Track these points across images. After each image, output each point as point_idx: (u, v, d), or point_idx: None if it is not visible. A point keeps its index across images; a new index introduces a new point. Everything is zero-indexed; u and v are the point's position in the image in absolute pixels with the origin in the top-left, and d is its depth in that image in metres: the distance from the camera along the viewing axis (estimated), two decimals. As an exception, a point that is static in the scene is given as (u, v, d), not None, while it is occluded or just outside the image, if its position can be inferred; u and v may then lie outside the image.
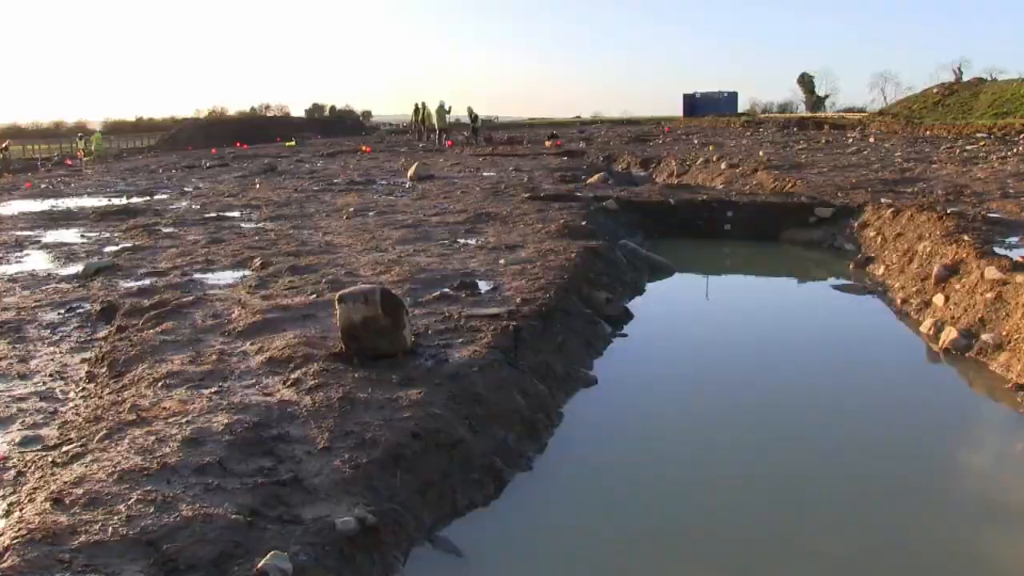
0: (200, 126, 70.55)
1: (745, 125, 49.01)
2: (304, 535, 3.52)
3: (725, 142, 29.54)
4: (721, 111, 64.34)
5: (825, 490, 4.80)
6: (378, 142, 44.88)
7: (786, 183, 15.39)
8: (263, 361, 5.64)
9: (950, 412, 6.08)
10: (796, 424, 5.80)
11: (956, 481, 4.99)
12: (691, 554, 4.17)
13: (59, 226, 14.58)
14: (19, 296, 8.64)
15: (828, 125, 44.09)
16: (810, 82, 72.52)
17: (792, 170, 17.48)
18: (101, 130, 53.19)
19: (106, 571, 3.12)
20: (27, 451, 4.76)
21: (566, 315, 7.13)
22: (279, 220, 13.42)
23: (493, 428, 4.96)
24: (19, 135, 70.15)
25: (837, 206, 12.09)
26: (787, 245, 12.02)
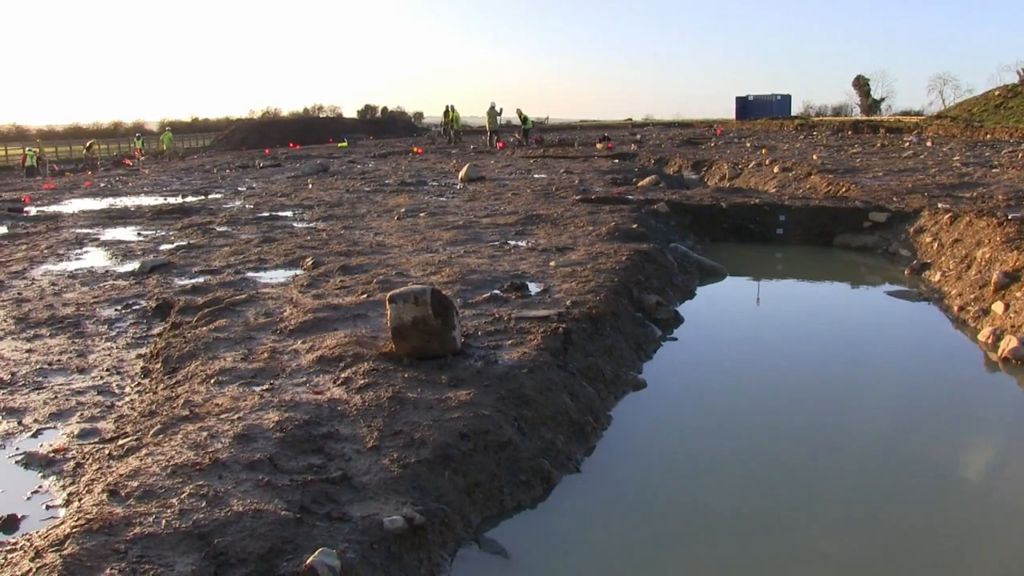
0: (254, 126, 71.43)
1: (798, 128, 48.42)
2: (352, 533, 3.53)
3: (778, 145, 29.20)
4: (774, 114, 63.66)
5: (877, 501, 4.71)
6: (429, 143, 45.11)
7: (840, 187, 15.17)
8: (314, 359, 5.68)
9: (1010, 423, 5.94)
10: (848, 433, 5.70)
11: (1018, 494, 4.86)
12: (736, 559, 4.12)
13: (116, 224, 14.88)
14: (78, 292, 8.83)
15: (884, 128, 43.31)
16: (866, 84, 71.41)
17: (846, 174, 17.22)
18: (170, 129, 54.35)
19: (159, 563, 3.16)
20: (85, 443, 4.86)
21: (616, 318, 7.09)
22: (331, 220, 13.54)
23: (541, 430, 4.94)
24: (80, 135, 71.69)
25: (892, 211, 11.88)
26: (840, 250, 11.84)
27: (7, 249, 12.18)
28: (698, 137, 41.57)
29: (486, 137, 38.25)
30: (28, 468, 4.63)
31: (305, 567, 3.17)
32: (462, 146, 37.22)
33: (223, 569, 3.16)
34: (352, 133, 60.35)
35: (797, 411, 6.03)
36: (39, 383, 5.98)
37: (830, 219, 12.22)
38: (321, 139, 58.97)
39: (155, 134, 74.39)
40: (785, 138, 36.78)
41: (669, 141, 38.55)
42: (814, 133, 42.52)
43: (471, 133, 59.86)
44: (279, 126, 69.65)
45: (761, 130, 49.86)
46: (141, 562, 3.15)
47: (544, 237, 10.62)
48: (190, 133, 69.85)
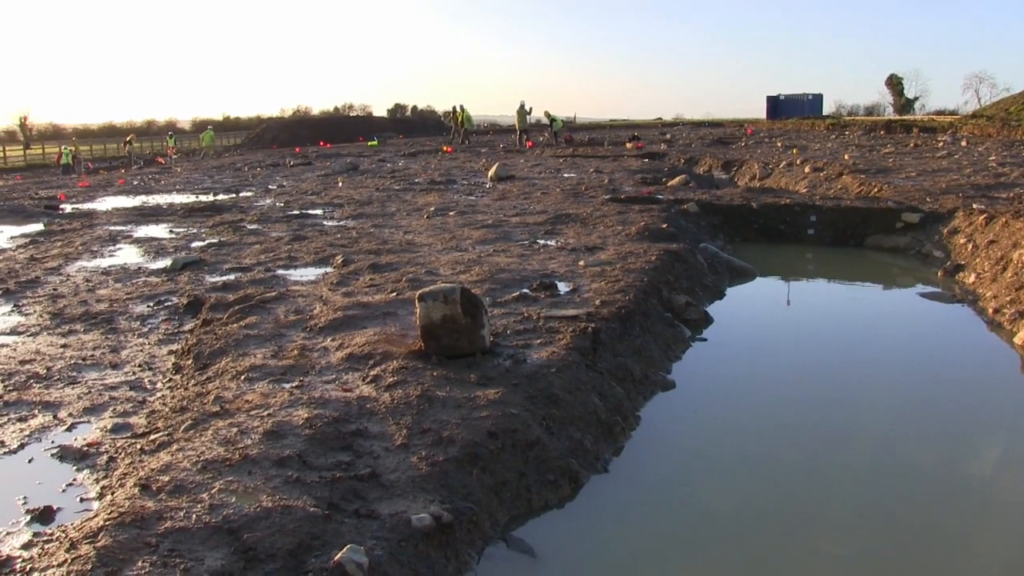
0: (285, 125, 71.97)
1: (830, 128, 47.95)
2: (380, 530, 3.55)
3: (809, 145, 28.96)
4: (805, 113, 63.06)
5: (906, 507, 4.65)
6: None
7: (872, 187, 15.02)
8: (343, 357, 5.71)
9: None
10: (878, 437, 5.62)
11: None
12: (764, 561, 4.09)
13: (149, 222, 15.04)
14: (112, 289, 8.93)
15: (917, 128, 42.71)
16: (899, 84, 70.57)
17: (878, 174, 17.04)
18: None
19: (189, 557, 3.19)
20: (118, 438, 4.91)
21: (645, 318, 7.06)
22: (361, 218, 13.60)
23: (570, 429, 4.94)
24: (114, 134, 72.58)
25: (925, 211, 11.74)
26: (872, 251, 11.72)
27: (43, 246, 12.35)
28: (728, 137, 41.31)
29: (515, 136, 38.25)
30: (63, 461, 4.69)
31: (333, 564, 3.19)
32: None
33: (252, 564, 3.19)
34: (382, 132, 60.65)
35: (827, 414, 5.97)
36: (73, 378, 6.05)
37: (862, 220, 12.09)
38: (351, 138, 59.28)
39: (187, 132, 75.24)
40: (816, 138, 36.47)
41: (699, 141, 38.36)
42: (846, 133, 42.09)
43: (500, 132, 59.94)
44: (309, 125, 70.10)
45: (792, 130, 49.43)
46: (172, 556, 3.18)
47: (573, 236, 10.60)
48: (221, 132, 70.49)
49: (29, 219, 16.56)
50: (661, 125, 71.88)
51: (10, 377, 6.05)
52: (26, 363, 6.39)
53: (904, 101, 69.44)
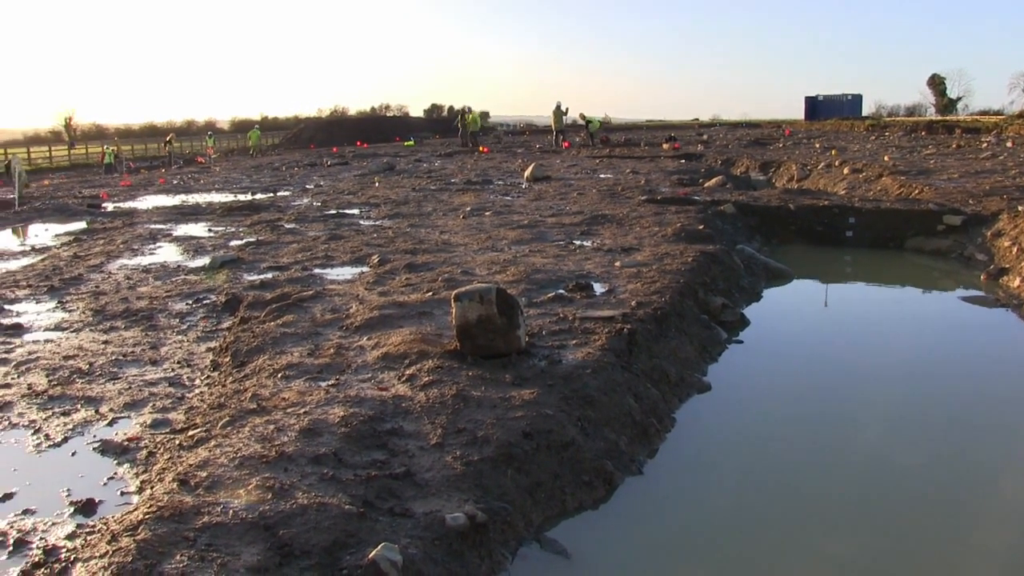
0: (322, 125, 72.43)
1: (869, 129, 47.40)
2: (414, 529, 3.56)
3: (848, 146, 28.64)
4: (844, 114, 62.41)
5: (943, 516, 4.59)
6: (495, 143, 45.22)
7: (912, 189, 14.82)
8: (379, 356, 5.73)
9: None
10: (917, 444, 5.54)
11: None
12: (797, 566, 4.05)
13: (188, 220, 15.23)
14: (152, 286, 9.05)
15: (960, 129, 42.03)
16: (941, 84, 69.53)
17: (919, 176, 16.81)
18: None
19: (226, 551, 3.22)
20: (157, 433, 4.98)
21: (681, 319, 7.03)
22: (397, 218, 13.66)
23: (604, 431, 4.92)
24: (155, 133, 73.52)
25: (968, 214, 11.56)
26: (912, 254, 11.56)
27: (86, 244, 12.55)
28: (766, 138, 40.99)
29: (552, 137, 38.21)
30: (104, 455, 4.76)
31: (367, 561, 3.20)
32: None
33: (288, 560, 3.21)
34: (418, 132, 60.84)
35: (865, 420, 5.90)
36: (114, 373, 6.14)
37: (902, 222, 11.94)
38: (387, 138, 59.56)
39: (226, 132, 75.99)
40: (856, 139, 36.08)
41: (736, 142, 38.09)
42: (886, 134, 41.60)
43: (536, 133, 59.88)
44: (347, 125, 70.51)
45: (831, 131, 48.92)
46: (209, 550, 3.22)
47: (609, 237, 10.58)
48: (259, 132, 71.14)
49: (73, 217, 16.85)
50: (698, 126, 71.50)
51: (54, 372, 6.16)
52: (69, 358, 6.49)
53: (947, 101, 68.41)
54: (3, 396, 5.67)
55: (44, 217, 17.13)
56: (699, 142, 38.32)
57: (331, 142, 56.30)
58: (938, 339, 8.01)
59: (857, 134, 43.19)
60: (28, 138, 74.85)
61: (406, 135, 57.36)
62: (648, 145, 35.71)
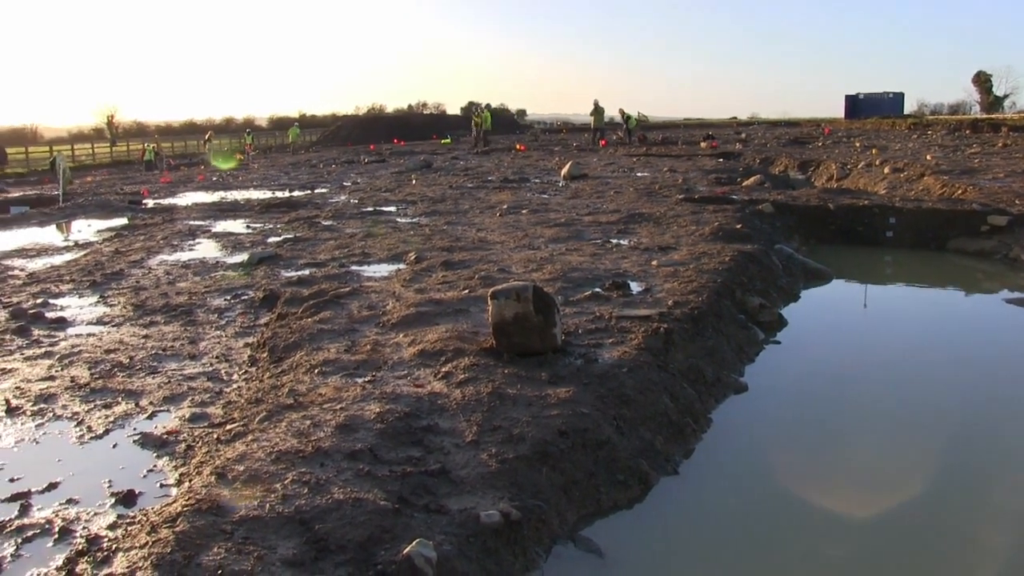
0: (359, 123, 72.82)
1: (911, 127, 46.70)
2: (449, 525, 3.57)
3: (889, 145, 28.27)
4: (885, 113, 61.62)
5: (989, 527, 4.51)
6: (532, 140, 45.20)
7: (956, 189, 14.59)
8: (415, 353, 5.75)
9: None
10: (957, 449, 5.44)
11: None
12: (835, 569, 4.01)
13: (227, 217, 15.38)
14: (191, 282, 9.15)
15: (1007, 127, 41.14)
16: (987, 81, 68.35)
17: (963, 175, 16.54)
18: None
19: (262, 545, 3.25)
20: (195, 427, 5.03)
21: (718, 319, 6.98)
22: (434, 216, 13.70)
23: (640, 430, 4.90)
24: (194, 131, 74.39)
25: (1014, 214, 11.34)
26: (954, 255, 11.38)
27: (127, 239, 12.73)
28: (805, 136, 40.56)
29: (589, 135, 38.13)
30: (144, 448, 4.82)
31: (402, 557, 3.21)
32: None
33: (323, 555, 3.23)
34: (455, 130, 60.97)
35: (905, 424, 5.80)
36: (154, 367, 6.22)
37: (944, 222, 11.75)
38: (424, 135, 59.76)
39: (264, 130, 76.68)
40: (897, 137, 35.59)
41: (775, 140, 37.76)
42: (928, 132, 40.94)
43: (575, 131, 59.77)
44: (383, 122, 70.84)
45: (872, 129, 48.27)
46: (246, 543, 3.25)
47: (646, 236, 10.53)
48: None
49: (115, 213, 17.09)
50: (736, 124, 70.97)
51: (96, 365, 6.25)
52: (111, 352, 6.59)
53: (992, 99, 67.24)
54: (48, 388, 5.77)
55: (87, 213, 17.39)
56: (737, 141, 38.02)
57: (368, 139, 56.61)
58: (981, 342, 7.87)
59: (899, 133, 42.59)
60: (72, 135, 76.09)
61: (443, 133, 57.49)
62: (686, 143, 35.49)
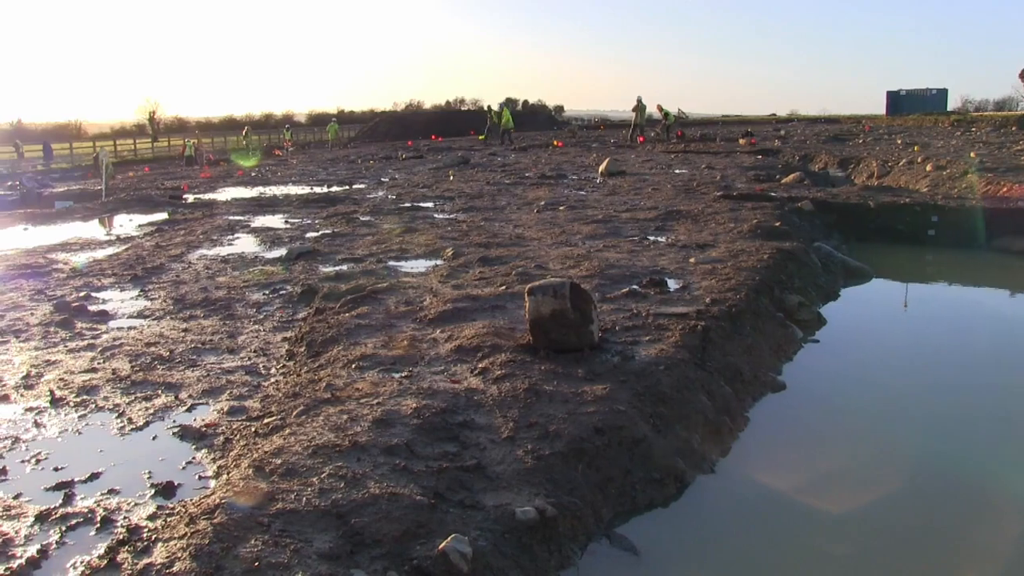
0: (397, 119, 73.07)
1: (955, 124, 45.93)
2: (484, 521, 3.57)
3: (932, 142, 27.85)
4: (928, 109, 60.77)
5: None
6: (570, 137, 45.08)
7: (1001, 187, 14.35)
8: (452, 349, 5.76)
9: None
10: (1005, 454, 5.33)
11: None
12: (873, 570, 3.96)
13: (266, 212, 15.50)
14: (230, 276, 9.23)
15: (1056, 124, 40.39)
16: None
17: (1008, 173, 16.25)
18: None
19: (299, 538, 3.27)
20: (234, 420, 5.08)
21: (756, 317, 6.92)
22: (471, 212, 13.71)
23: (676, 428, 4.87)
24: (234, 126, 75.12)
25: (1061, 212, 11.14)
26: (998, 254, 11.19)
27: (168, 234, 12.87)
28: (845, 133, 40.07)
29: (627, 131, 37.97)
30: (183, 440, 4.87)
31: (438, 552, 3.22)
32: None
33: (359, 549, 3.25)
34: (493, 126, 60.91)
35: (946, 426, 5.71)
36: (193, 361, 6.28)
37: (989, 221, 11.56)
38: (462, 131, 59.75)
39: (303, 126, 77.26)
40: (940, 134, 35.05)
41: (814, 137, 37.33)
42: (972, 129, 40.24)
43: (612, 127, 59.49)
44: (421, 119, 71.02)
45: (913, 126, 47.55)
46: (283, 536, 3.27)
47: (684, 233, 10.47)
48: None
49: (156, 208, 17.29)
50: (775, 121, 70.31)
51: (137, 358, 6.33)
52: (151, 345, 6.66)
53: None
54: (91, 380, 5.85)
55: (128, 208, 17.61)
56: (776, 138, 37.62)
57: (406, 135, 56.76)
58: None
59: (941, 130, 41.90)
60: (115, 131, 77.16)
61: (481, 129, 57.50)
62: (724, 140, 35.19)
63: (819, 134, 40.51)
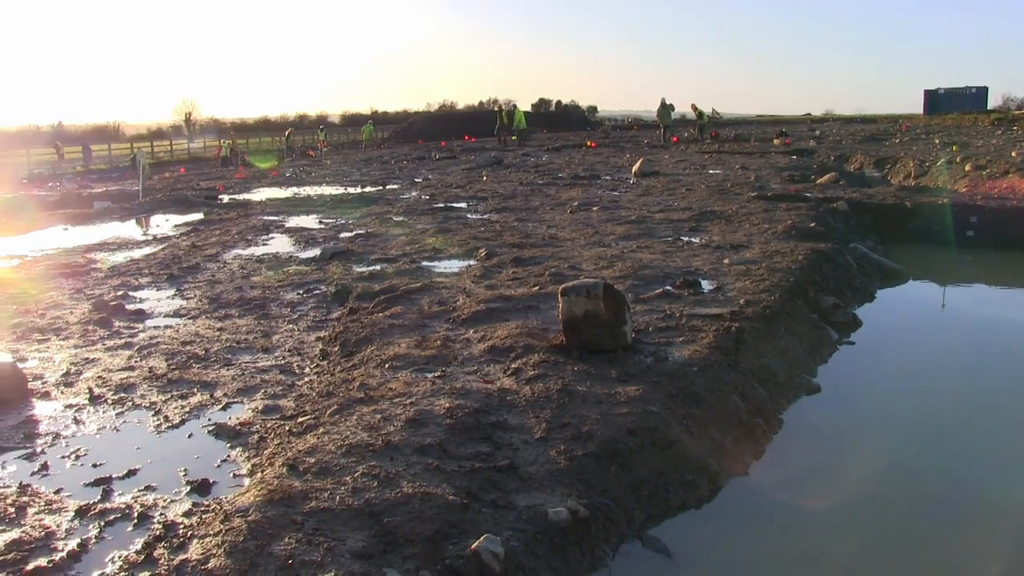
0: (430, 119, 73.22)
1: (995, 123, 45.20)
2: (517, 521, 3.57)
3: (971, 142, 27.45)
4: (967, 108, 59.86)
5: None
6: (603, 137, 44.97)
7: (1043, 187, 14.13)
8: (485, 349, 5.77)
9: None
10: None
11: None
12: None
13: (300, 212, 15.62)
14: (264, 276, 9.31)
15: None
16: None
17: (1051, 173, 16.00)
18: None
19: (332, 537, 3.29)
20: (268, 419, 5.12)
21: (790, 319, 6.87)
22: (504, 212, 13.72)
23: (710, 429, 4.85)
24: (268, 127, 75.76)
25: (1103, 214, 10.94)
26: (1041, 255, 11.02)
27: (203, 234, 13.00)
28: (882, 133, 39.59)
29: (660, 132, 37.81)
30: (218, 438, 4.92)
31: (470, 552, 3.23)
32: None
33: (391, 548, 3.26)
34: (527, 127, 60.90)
35: (984, 430, 5.62)
36: (228, 360, 6.34)
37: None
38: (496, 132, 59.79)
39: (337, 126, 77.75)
40: (979, 134, 34.53)
41: (850, 137, 36.95)
42: (1014, 128, 39.59)
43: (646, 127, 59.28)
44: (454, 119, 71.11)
45: (952, 125, 46.82)
46: (316, 534, 3.29)
47: (718, 234, 10.41)
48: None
49: (191, 208, 17.49)
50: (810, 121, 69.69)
51: (173, 357, 6.40)
52: (187, 344, 6.74)
53: (1084, 94, 64.66)
54: (128, 378, 5.93)
55: (165, 208, 17.83)
56: (811, 138, 37.27)
57: (439, 136, 56.89)
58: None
59: (981, 128, 41.25)
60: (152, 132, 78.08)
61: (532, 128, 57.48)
62: (758, 141, 34.93)
63: (855, 134, 40.09)
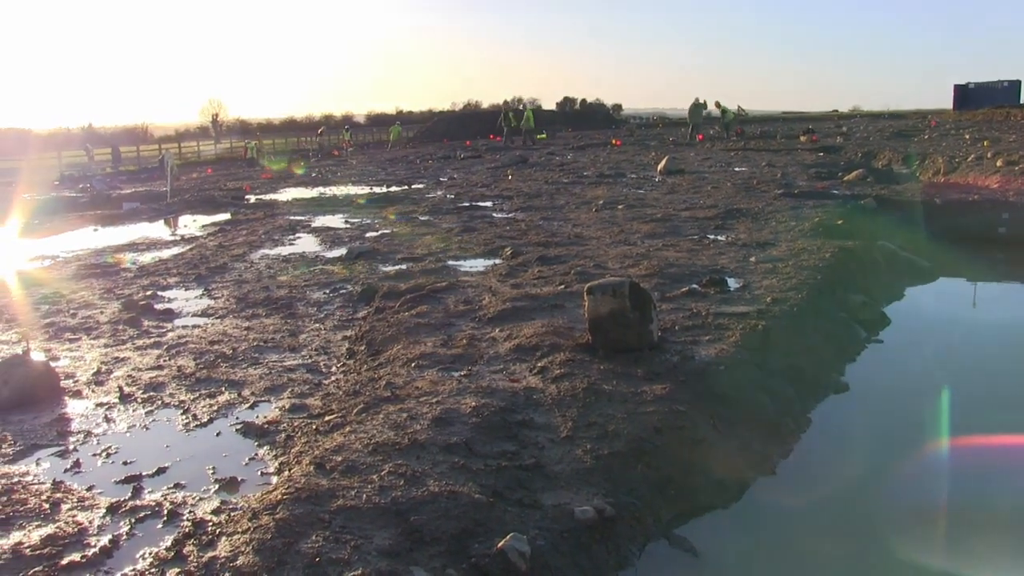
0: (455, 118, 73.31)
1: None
2: (543, 520, 3.57)
3: (1003, 137, 27.07)
4: (999, 103, 58.86)
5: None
6: (628, 135, 44.84)
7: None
8: (511, 348, 5.78)
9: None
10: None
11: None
12: None
13: (326, 212, 15.70)
14: (291, 276, 9.37)
15: None
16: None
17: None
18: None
19: (359, 535, 3.30)
20: (295, 418, 5.14)
21: (818, 317, 6.82)
22: (529, 211, 13.72)
23: (737, 428, 4.83)
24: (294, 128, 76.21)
25: None
26: (1074, 253, 10.86)
27: (230, 234, 13.10)
28: (910, 129, 39.13)
29: (685, 129, 37.63)
30: (246, 436, 4.95)
31: (496, 550, 3.23)
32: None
33: (418, 546, 3.27)
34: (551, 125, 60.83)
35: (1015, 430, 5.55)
36: (255, 359, 6.38)
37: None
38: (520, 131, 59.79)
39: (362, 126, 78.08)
40: (1012, 129, 34.01)
41: (878, 133, 36.56)
42: (1048, 123, 39.03)
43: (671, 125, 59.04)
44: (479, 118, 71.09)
45: (983, 120, 46.08)
46: (343, 532, 3.31)
47: (744, 232, 10.36)
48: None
49: (218, 209, 17.62)
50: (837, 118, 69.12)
51: (201, 356, 6.45)
52: (215, 343, 6.79)
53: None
54: (157, 377, 5.98)
55: (192, 208, 17.97)
56: (838, 134, 36.95)
57: (464, 135, 56.95)
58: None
59: (1014, 123, 40.56)
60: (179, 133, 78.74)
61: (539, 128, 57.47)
62: (784, 138, 34.68)
63: (882, 130, 39.66)
